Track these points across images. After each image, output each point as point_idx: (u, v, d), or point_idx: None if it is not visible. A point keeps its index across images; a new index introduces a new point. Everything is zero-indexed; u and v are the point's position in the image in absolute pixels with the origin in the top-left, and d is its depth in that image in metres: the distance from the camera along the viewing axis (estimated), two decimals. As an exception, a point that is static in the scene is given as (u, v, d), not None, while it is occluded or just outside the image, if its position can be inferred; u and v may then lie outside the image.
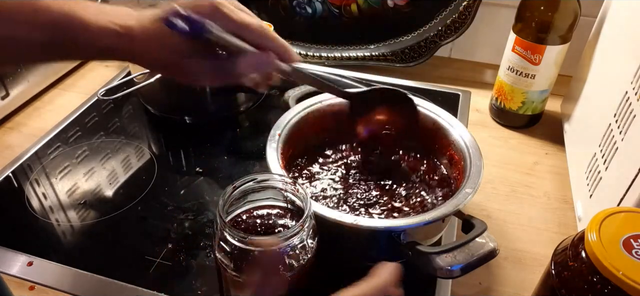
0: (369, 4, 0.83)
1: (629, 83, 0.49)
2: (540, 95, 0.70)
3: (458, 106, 0.75)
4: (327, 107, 0.59)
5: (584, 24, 0.67)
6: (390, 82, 0.78)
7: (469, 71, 0.86)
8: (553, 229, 0.57)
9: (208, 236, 0.53)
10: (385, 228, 0.45)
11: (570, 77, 0.73)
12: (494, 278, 0.51)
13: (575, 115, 0.67)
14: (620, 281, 0.32)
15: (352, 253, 0.49)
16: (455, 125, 0.56)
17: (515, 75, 0.69)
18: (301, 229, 0.38)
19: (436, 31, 0.81)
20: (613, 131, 0.51)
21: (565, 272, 0.37)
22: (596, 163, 0.54)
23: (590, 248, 0.34)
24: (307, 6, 0.84)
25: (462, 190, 0.47)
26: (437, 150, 0.58)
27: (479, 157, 0.50)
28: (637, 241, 0.34)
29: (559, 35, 0.65)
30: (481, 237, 0.43)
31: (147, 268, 0.49)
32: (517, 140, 0.72)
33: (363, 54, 0.85)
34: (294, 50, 0.85)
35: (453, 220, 0.54)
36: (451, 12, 0.79)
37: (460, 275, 0.42)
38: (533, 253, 0.54)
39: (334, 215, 0.44)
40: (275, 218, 0.42)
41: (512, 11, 0.68)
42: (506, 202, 0.61)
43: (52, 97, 0.80)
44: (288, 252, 0.38)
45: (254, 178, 0.42)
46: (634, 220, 0.36)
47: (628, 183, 0.44)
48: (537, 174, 0.66)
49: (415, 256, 0.43)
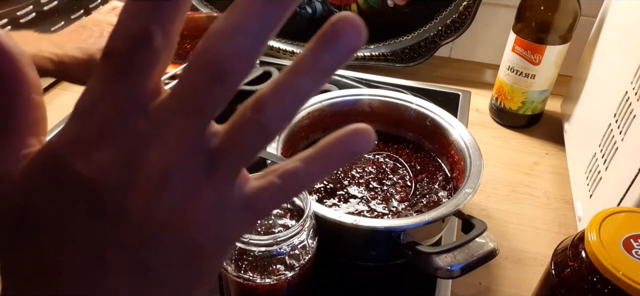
0: (369, 4, 0.83)
1: (629, 83, 0.49)
2: (540, 95, 0.70)
3: (458, 106, 0.75)
4: (327, 106, 0.59)
5: (584, 24, 0.67)
6: (390, 82, 0.78)
7: (469, 71, 0.86)
8: (553, 229, 0.57)
9: (208, 236, 0.53)
10: (385, 228, 0.45)
11: (570, 77, 0.73)
12: (494, 278, 0.51)
13: (575, 115, 0.67)
14: (620, 281, 0.32)
15: (352, 253, 0.50)
16: (455, 125, 0.56)
17: (515, 75, 0.69)
18: (301, 229, 0.38)
19: (436, 31, 0.81)
20: (613, 131, 0.51)
21: (565, 272, 0.37)
22: (596, 163, 0.53)
23: (590, 248, 0.34)
24: (307, 6, 0.84)
25: (462, 190, 0.47)
26: (437, 150, 0.58)
27: (479, 157, 0.51)
28: (637, 241, 0.34)
29: (559, 35, 0.65)
30: (481, 237, 0.43)
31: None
32: (517, 140, 0.72)
33: (363, 54, 0.85)
34: (295, 50, 0.85)
35: (453, 220, 0.54)
36: (451, 12, 0.79)
37: (460, 275, 0.42)
38: (533, 253, 0.54)
39: (334, 215, 0.44)
40: (275, 218, 0.42)
41: (512, 11, 0.68)
42: (506, 202, 0.61)
43: (52, 97, 0.80)
44: (288, 252, 0.39)
45: (254, 178, 0.42)
46: (634, 220, 0.36)
47: (628, 183, 0.44)
48: (537, 174, 0.66)
49: (415, 256, 0.43)
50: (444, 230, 0.51)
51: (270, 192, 0.19)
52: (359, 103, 0.61)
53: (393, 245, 0.44)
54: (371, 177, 0.54)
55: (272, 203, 0.19)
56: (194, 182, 0.18)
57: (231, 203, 0.19)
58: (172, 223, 0.18)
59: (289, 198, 0.20)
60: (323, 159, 0.19)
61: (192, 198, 0.18)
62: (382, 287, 0.48)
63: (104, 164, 0.17)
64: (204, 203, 0.18)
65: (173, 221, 0.18)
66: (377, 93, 0.61)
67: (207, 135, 0.18)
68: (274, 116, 0.17)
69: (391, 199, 0.52)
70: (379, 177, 0.54)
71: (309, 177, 0.19)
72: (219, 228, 0.19)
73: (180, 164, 0.17)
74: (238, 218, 0.19)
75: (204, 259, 0.19)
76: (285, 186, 0.19)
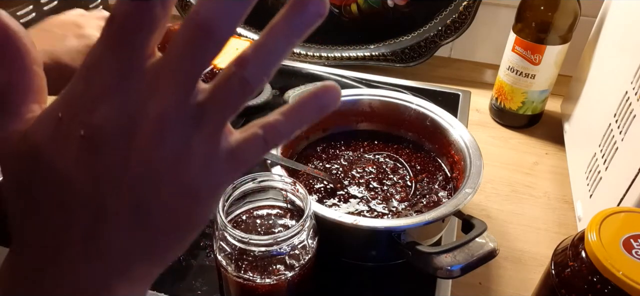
0: (369, 4, 0.83)
1: (629, 83, 0.49)
2: (540, 95, 0.70)
3: (458, 106, 0.75)
4: (327, 107, 0.59)
5: (584, 24, 0.67)
6: (390, 82, 0.78)
7: (469, 71, 0.86)
8: (553, 229, 0.57)
9: (208, 236, 0.53)
10: (385, 228, 0.45)
11: (570, 77, 0.73)
12: (494, 278, 0.51)
13: (575, 115, 0.67)
14: (620, 281, 0.32)
15: (352, 253, 0.50)
16: (455, 125, 0.56)
17: (515, 75, 0.69)
18: (301, 229, 0.38)
19: (436, 31, 0.81)
20: (613, 131, 0.51)
21: (565, 272, 0.37)
22: (596, 163, 0.53)
23: (590, 248, 0.34)
24: (307, 6, 0.84)
25: (462, 190, 0.47)
26: (437, 150, 0.58)
27: (479, 157, 0.50)
28: (637, 241, 0.34)
29: (559, 35, 0.65)
30: (481, 237, 0.43)
31: (147, 268, 0.49)
32: (517, 140, 0.72)
33: (363, 54, 0.85)
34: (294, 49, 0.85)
35: (453, 220, 0.54)
36: (451, 12, 0.79)
37: (460, 275, 0.42)
38: (533, 253, 0.54)
39: (334, 215, 0.44)
40: (275, 218, 0.42)
41: (512, 11, 0.68)
42: (506, 202, 0.61)
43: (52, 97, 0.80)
44: (288, 252, 0.39)
45: (254, 178, 0.42)
46: (634, 220, 0.36)
47: (628, 183, 0.44)
48: (537, 174, 0.66)
49: (415, 256, 0.43)
50: (444, 230, 0.51)
51: (253, 142, 0.21)
52: (359, 103, 0.61)
53: (393, 245, 0.44)
54: (371, 177, 0.54)
55: (256, 152, 0.22)
56: (186, 132, 0.20)
57: (219, 151, 0.21)
58: (167, 170, 0.20)
59: (270, 147, 0.22)
60: (299, 111, 0.21)
61: (184, 147, 0.20)
62: (382, 287, 0.48)
63: (106, 117, 0.20)
64: (195, 152, 0.20)
65: (169, 168, 0.20)
66: (377, 93, 0.61)
67: (196, 90, 0.20)
68: (255, 71, 0.20)
69: (391, 199, 0.52)
70: (379, 177, 0.54)
71: (287, 128, 0.22)
72: (209, 175, 0.21)
73: (173, 116, 0.20)
74: (226, 166, 0.21)
75: (198, 203, 0.22)
76: (267, 136, 0.21)
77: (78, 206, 0.20)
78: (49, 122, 0.21)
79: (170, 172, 0.20)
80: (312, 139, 0.60)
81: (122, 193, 0.20)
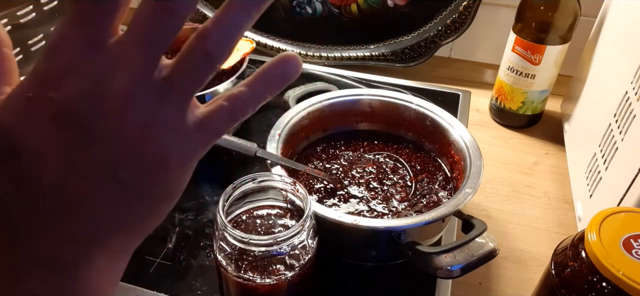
0: (369, 4, 0.83)
1: (629, 83, 0.49)
2: (540, 95, 0.70)
3: (458, 106, 0.75)
4: (327, 106, 0.59)
5: (584, 24, 0.67)
6: (390, 82, 0.78)
7: (469, 71, 0.86)
8: (553, 229, 0.57)
9: (208, 236, 0.53)
10: (385, 228, 0.45)
11: (570, 77, 0.73)
12: (494, 278, 0.51)
13: (575, 115, 0.67)
14: (620, 281, 0.32)
15: (352, 253, 0.50)
16: (455, 125, 0.56)
17: (515, 75, 0.69)
18: (301, 229, 0.38)
19: (436, 31, 0.81)
20: (613, 131, 0.51)
21: (565, 272, 0.37)
22: (596, 163, 0.54)
23: (590, 248, 0.34)
24: (307, 6, 0.84)
25: (462, 190, 0.47)
26: (437, 150, 0.58)
27: (479, 157, 0.51)
28: (637, 241, 0.34)
29: (559, 35, 0.65)
30: (481, 237, 0.43)
31: (147, 268, 0.49)
32: (517, 140, 0.72)
33: (363, 54, 0.85)
34: (295, 50, 0.85)
35: (453, 220, 0.54)
36: (451, 12, 0.79)
37: (460, 275, 0.42)
38: (533, 253, 0.54)
39: (334, 215, 0.44)
40: (275, 218, 0.42)
41: (512, 11, 0.68)
42: (506, 202, 0.61)
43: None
44: (288, 252, 0.39)
45: (254, 178, 0.42)
46: (634, 220, 0.36)
47: (628, 183, 0.44)
48: (537, 174, 0.66)
49: (415, 256, 0.43)
50: (444, 230, 0.51)
51: (219, 114, 0.22)
52: (359, 103, 0.61)
53: (393, 245, 0.45)
54: (371, 177, 0.54)
55: (223, 123, 0.23)
56: (152, 103, 0.21)
57: (186, 123, 0.22)
58: (136, 139, 0.21)
59: (236, 119, 0.23)
60: (261, 82, 0.22)
61: (151, 118, 0.21)
62: (382, 287, 0.48)
63: (74, 92, 0.20)
64: (161, 122, 0.21)
65: (138, 138, 0.21)
66: (377, 93, 0.61)
67: (160, 66, 0.21)
68: (217, 43, 0.21)
69: (391, 199, 0.52)
70: (379, 177, 0.54)
71: (251, 98, 0.23)
72: (178, 144, 0.22)
73: (139, 88, 0.21)
74: (194, 137, 0.22)
75: (168, 170, 0.22)
76: (232, 107, 0.22)
77: (52, 179, 0.21)
78: (18, 101, 0.21)
79: (139, 141, 0.21)
80: (312, 139, 0.60)
81: (93, 163, 0.21)
